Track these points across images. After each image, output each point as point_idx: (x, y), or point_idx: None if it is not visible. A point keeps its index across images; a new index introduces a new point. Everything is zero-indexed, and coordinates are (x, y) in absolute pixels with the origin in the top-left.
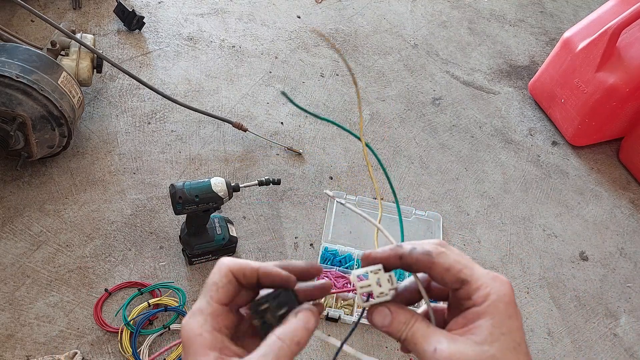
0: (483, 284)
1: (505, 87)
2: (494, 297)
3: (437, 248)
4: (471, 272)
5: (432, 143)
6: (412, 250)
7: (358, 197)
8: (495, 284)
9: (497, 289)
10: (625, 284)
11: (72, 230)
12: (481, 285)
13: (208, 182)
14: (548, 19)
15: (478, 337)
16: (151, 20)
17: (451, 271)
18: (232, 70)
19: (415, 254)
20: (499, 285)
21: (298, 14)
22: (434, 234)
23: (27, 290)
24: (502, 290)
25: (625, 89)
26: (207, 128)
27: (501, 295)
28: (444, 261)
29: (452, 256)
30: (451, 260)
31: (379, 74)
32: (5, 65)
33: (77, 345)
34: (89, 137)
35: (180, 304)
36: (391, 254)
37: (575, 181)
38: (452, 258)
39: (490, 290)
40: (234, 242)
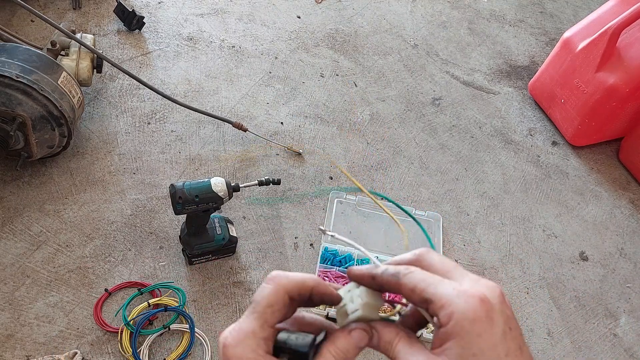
0: (446, 302)
1: (505, 87)
2: (457, 315)
3: (407, 268)
4: (435, 290)
5: (432, 143)
6: (384, 272)
7: (358, 197)
8: (458, 301)
9: (461, 307)
10: (625, 284)
11: (72, 230)
12: (444, 304)
13: (208, 182)
14: (548, 19)
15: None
16: (151, 20)
17: (415, 291)
18: (232, 71)
19: (385, 276)
20: (464, 301)
21: (298, 14)
22: (434, 234)
23: (27, 290)
24: (466, 307)
25: (625, 89)
26: (207, 128)
27: (465, 313)
28: (408, 282)
29: (418, 275)
30: (417, 279)
31: (379, 74)
32: (5, 65)
33: (77, 345)
34: (89, 137)
35: (180, 304)
36: (365, 273)
37: (575, 181)
38: (418, 277)
39: (454, 309)
40: (234, 242)
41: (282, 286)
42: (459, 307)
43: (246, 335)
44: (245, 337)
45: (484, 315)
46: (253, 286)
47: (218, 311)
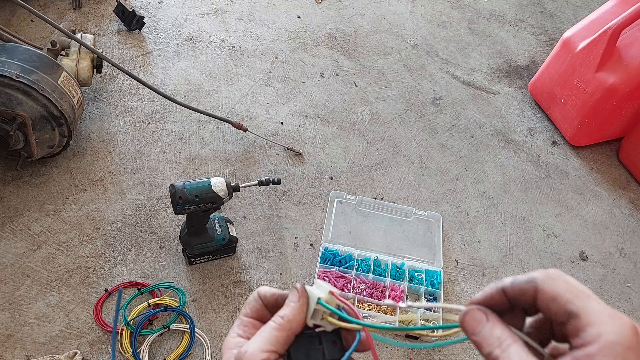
0: (597, 320)
1: (505, 87)
2: (610, 337)
3: (545, 274)
4: (583, 304)
5: (432, 143)
6: (514, 280)
7: (358, 197)
8: (613, 323)
9: (615, 329)
10: (625, 284)
11: (72, 230)
12: (594, 321)
13: (208, 182)
14: (548, 19)
15: None
16: (151, 20)
17: (558, 301)
18: (232, 70)
19: (517, 284)
20: (619, 325)
21: (298, 14)
22: (434, 234)
23: (27, 290)
24: (621, 331)
25: (625, 89)
26: (207, 128)
27: (620, 337)
28: (550, 288)
29: (562, 284)
30: (560, 288)
31: (379, 74)
32: (5, 65)
33: (77, 345)
34: (89, 137)
35: (180, 304)
36: (493, 291)
37: (575, 181)
38: (562, 286)
39: (606, 329)
40: (234, 242)
41: (257, 290)
42: (613, 328)
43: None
44: (231, 327)
45: (636, 345)
46: (253, 286)
47: (218, 311)
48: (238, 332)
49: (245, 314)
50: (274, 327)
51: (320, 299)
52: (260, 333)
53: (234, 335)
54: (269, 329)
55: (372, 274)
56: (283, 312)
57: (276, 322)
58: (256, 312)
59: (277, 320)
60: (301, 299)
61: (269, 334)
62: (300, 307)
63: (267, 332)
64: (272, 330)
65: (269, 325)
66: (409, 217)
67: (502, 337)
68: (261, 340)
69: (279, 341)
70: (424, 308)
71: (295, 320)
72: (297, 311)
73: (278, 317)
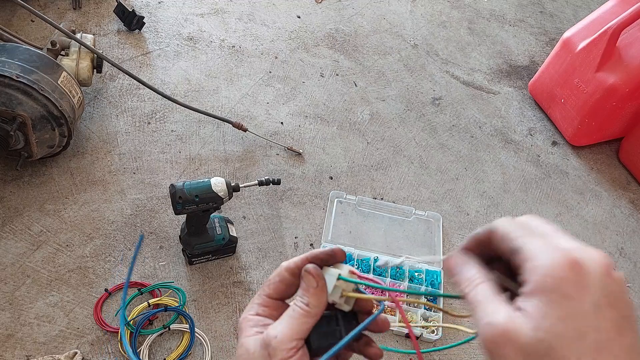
0: (532, 255)
1: (505, 87)
2: (541, 269)
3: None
4: (524, 239)
5: (432, 143)
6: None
7: (358, 197)
8: (545, 255)
9: (547, 262)
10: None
11: (72, 230)
12: (530, 256)
13: (208, 182)
14: (548, 19)
15: (532, 321)
16: (151, 20)
17: (505, 240)
18: (232, 70)
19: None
20: (551, 257)
21: (298, 14)
22: (434, 234)
23: (27, 290)
24: (552, 263)
25: (625, 89)
26: (207, 128)
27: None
28: (502, 228)
29: (511, 225)
30: (509, 228)
31: (379, 74)
32: (5, 65)
33: (77, 345)
34: (89, 137)
35: (180, 304)
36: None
37: (575, 181)
38: (511, 227)
39: (539, 263)
40: (234, 242)
41: (281, 265)
42: (545, 261)
43: (248, 304)
44: (247, 306)
45: (573, 277)
46: (253, 286)
47: (218, 311)
48: (258, 310)
49: (267, 294)
50: (301, 315)
51: (340, 275)
52: (287, 320)
53: (253, 313)
54: (297, 316)
55: (372, 274)
56: (307, 299)
57: (302, 309)
58: (279, 293)
59: (302, 307)
60: (319, 282)
61: (297, 323)
62: (321, 291)
63: (294, 320)
64: (299, 318)
65: (295, 312)
66: (409, 217)
67: (474, 277)
68: (289, 328)
69: (306, 328)
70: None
71: (320, 305)
72: (319, 295)
73: (303, 305)
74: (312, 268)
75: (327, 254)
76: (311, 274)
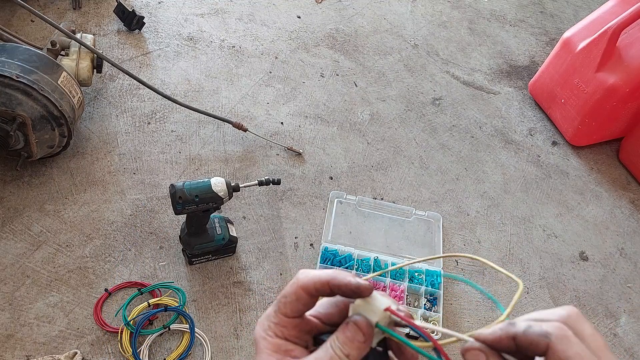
0: None
1: (505, 87)
2: None
3: (560, 329)
4: None
5: (432, 143)
6: (527, 330)
7: (358, 197)
8: None
9: None
10: (625, 284)
11: (72, 230)
12: None
13: (208, 182)
14: (548, 19)
15: None
16: (151, 20)
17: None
18: (232, 70)
19: (530, 334)
20: None
21: (298, 14)
22: (434, 234)
23: (27, 290)
24: None
25: (625, 89)
26: (207, 128)
27: None
28: (562, 351)
29: (575, 347)
30: (572, 352)
31: (379, 74)
32: (5, 65)
33: (77, 345)
34: (89, 137)
35: (180, 304)
36: (503, 335)
37: (575, 181)
38: (574, 350)
39: None
40: (234, 242)
41: (298, 281)
42: None
43: (264, 317)
44: (263, 319)
45: None
46: (253, 286)
47: (218, 311)
48: (276, 331)
49: (284, 314)
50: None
51: (379, 324)
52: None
53: (272, 335)
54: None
55: (372, 272)
56: (348, 350)
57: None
58: (296, 312)
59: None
60: (367, 339)
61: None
62: (366, 344)
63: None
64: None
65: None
66: (409, 217)
67: None
68: None
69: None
70: (438, 331)
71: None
72: (363, 349)
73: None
74: (363, 323)
75: (353, 291)
76: (361, 329)
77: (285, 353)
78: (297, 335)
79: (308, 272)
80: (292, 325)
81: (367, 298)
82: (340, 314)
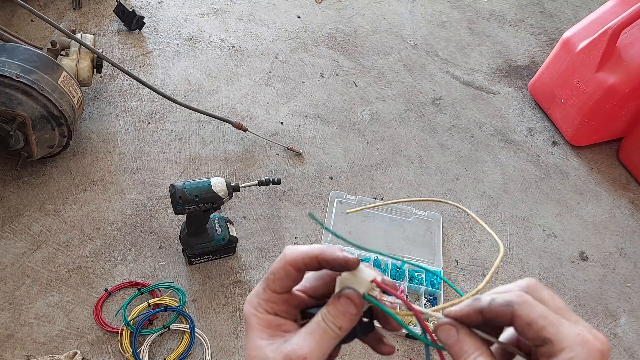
0: (568, 347)
1: (505, 87)
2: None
3: (520, 296)
4: (556, 330)
5: (431, 143)
6: (491, 302)
7: (358, 197)
8: (582, 350)
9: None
10: (625, 284)
11: (72, 230)
12: (565, 348)
13: (208, 182)
14: (548, 19)
15: None
16: (151, 20)
17: (533, 327)
18: (232, 70)
19: (494, 306)
20: (587, 351)
21: (298, 14)
22: (434, 234)
23: (27, 290)
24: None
25: (625, 89)
26: (207, 128)
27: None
28: (525, 314)
29: (537, 309)
30: (535, 313)
31: (379, 74)
32: (5, 65)
33: (77, 345)
34: (89, 137)
35: (180, 304)
36: (470, 310)
37: (575, 181)
38: (537, 311)
39: (575, 356)
40: (234, 242)
41: (286, 257)
42: (582, 356)
43: (252, 295)
44: (251, 297)
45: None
46: (253, 286)
47: (218, 311)
48: (266, 307)
49: (274, 290)
50: (332, 337)
51: (365, 294)
52: (316, 340)
53: (262, 311)
54: (327, 338)
55: None
56: (340, 323)
57: (334, 331)
58: (285, 288)
59: (334, 329)
60: (359, 311)
61: (327, 345)
62: (357, 316)
63: (324, 341)
64: (329, 340)
65: (327, 333)
66: (409, 217)
67: (469, 351)
68: (319, 349)
69: (332, 347)
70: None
71: (350, 327)
72: (354, 320)
73: (335, 327)
74: (355, 296)
75: (341, 264)
76: (353, 302)
77: (277, 328)
78: (286, 310)
79: (295, 249)
80: (281, 301)
81: (353, 271)
82: (326, 286)
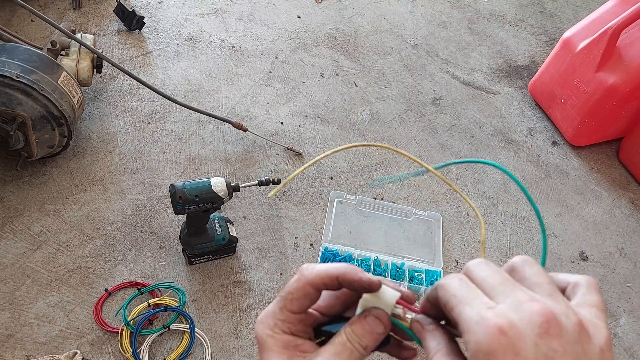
0: (466, 329)
1: (505, 87)
2: (472, 346)
3: (445, 278)
4: (460, 310)
5: (432, 143)
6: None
7: (358, 197)
8: (477, 330)
9: (477, 337)
10: (625, 284)
11: (72, 230)
12: (464, 330)
13: (208, 182)
14: (548, 19)
15: None
16: (151, 20)
17: (447, 309)
18: (232, 70)
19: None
20: (481, 331)
21: (298, 14)
22: (434, 234)
23: (27, 290)
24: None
25: (625, 89)
26: (207, 128)
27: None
28: (442, 295)
29: (451, 289)
30: (449, 294)
31: (379, 74)
32: (5, 65)
33: (77, 345)
34: (89, 137)
35: (180, 304)
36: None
37: (575, 181)
38: (450, 291)
39: (470, 338)
40: (234, 242)
41: (305, 277)
42: (475, 336)
43: (267, 315)
44: (265, 317)
45: (501, 350)
46: (253, 286)
47: (218, 311)
48: (283, 328)
49: (291, 310)
50: (357, 357)
51: (393, 318)
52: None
53: (279, 331)
54: (353, 358)
55: (372, 274)
56: (366, 342)
57: (359, 351)
58: (302, 308)
59: (359, 349)
60: (386, 331)
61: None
62: (383, 336)
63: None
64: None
65: (352, 352)
66: (409, 217)
67: (432, 352)
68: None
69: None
70: None
71: (375, 346)
72: (379, 340)
73: (360, 347)
74: (384, 316)
75: (364, 287)
76: (382, 322)
77: (295, 348)
78: (302, 329)
79: (313, 267)
80: (297, 321)
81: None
82: (342, 305)
